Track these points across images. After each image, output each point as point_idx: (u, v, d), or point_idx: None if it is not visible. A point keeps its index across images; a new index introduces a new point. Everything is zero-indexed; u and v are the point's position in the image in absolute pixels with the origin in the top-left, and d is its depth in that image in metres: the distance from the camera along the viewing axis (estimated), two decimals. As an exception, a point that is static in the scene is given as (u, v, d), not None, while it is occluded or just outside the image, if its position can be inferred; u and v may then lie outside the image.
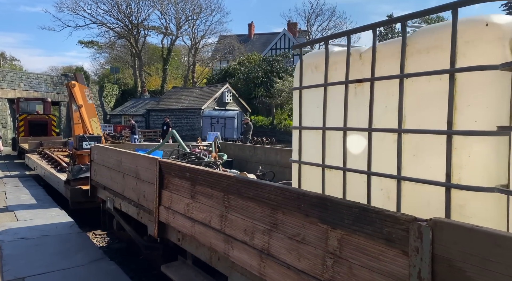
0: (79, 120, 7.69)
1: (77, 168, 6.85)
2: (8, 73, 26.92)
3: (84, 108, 7.62)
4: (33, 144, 13.53)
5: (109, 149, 4.92)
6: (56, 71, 48.19)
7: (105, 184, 5.00)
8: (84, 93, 7.74)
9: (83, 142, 6.99)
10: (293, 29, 46.75)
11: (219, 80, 36.69)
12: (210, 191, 2.70)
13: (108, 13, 37.67)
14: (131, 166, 4.06)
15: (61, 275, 4.03)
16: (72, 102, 7.69)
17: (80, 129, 7.66)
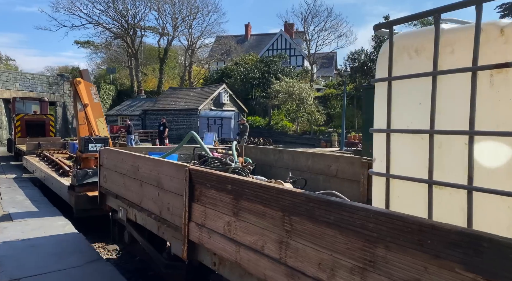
0: (85, 120, 7.10)
1: (83, 173, 6.33)
2: (3, 73, 26.76)
3: (90, 107, 7.00)
4: (31, 146, 12.92)
5: (122, 153, 4.35)
6: (52, 71, 47.99)
7: (117, 192, 4.45)
8: (90, 91, 7.13)
9: (89, 144, 6.42)
10: (290, 30, 46.83)
11: (215, 81, 36.68)
12: (263, 209, 2.19)
13: (105, 13, 37.60)
14: (152, 173, 3.55)
15: (56, 277, 4.01)
16: (77, 100, 7.16)
17: (86, 130, 7.07)
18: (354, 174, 3.81)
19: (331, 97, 32.65)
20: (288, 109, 29.92)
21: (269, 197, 2.14)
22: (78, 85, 7.05)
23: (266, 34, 51.51)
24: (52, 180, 8.07)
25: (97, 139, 6.60)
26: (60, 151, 12.69)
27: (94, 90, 7.29)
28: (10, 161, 15.45)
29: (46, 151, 12.11)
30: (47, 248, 4.89)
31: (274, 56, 38.10)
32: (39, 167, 9.67)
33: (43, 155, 11.52)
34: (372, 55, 28.96)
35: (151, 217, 3.59)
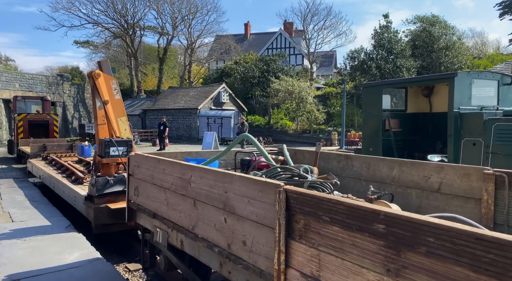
0: (104, 119, 6.06)
1: (103, 181, 5.47)
2: (3, 74, 26.75)
3: (110, 105, 6.02)
4: (36, 148, 12.00)
5: (165, 162, 3.38)
6: (51, 71, 48.00)
7: (155, 210, 3.54)
8: (110, 86, 6.14)
9: (110, 148, 5.49)
10: (289, 28, 46.80)
11: (215, 80, 36.66)
12: None
13: (104, 13, 37.57)
14: (214, 191, 2.64)
15: (56, 277, 4.01)
16: (96, 97, 6.06)
17: (106, 131, 6.04)
18: (469, 189, 2.91)
19: (331, 95, 32.63)
20: (288, 108, 29.90)
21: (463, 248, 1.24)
22: (97, 78, 5.99)
23: (266, 33, 51.49)
24: (64, 188, 7.14)
25: (120, 141, 5.66)
26: (68, 154, 11.82)
27: (115, 85, 6.28)
28: (11, 163, 14.69)
29: (53, 154, 11.31)
30: (48, 248, 4.89)
31: (274, 55, 38.06)
32: (47, 173, 8.72)
33: (49, 159, 10.67)
34: (371, 54, 28.94)
35: (211, 249, 2.68)
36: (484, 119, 5.90)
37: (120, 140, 5.71)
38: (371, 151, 8.01)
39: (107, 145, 5.55)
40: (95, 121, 6.03)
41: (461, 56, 29.36)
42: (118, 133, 6.05)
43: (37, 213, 6.73)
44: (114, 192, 5.46)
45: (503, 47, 44.32)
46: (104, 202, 5.40)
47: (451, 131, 6.30)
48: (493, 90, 7.18)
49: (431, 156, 7.21)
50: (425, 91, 8.33)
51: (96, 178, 5.53)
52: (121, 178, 5.55)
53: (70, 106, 32.56)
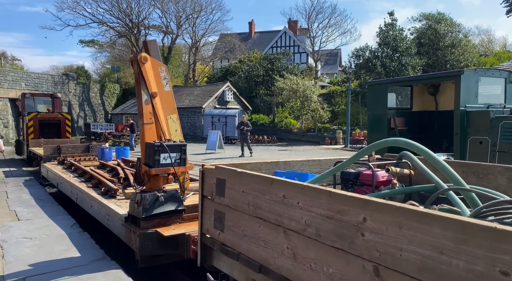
0: (152, 118, 4.67)
1: (152, 198, 4.24)
2: (9, 73, 26.95)
3: (158, 99, 4.70)
4: (50, 149, 10.79)
5: (283, 184, 2.12)
6: (57, 71, 48.22)
7: (262, 260, 2.28)
8: (159, 74, 4.83)
9: (160, 155, 4.24)
10: (294, 27, 46.66)
11: (220, 79, 36.66)
12: None
13: (109, 12, 37.66)
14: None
15: (61, 275, 4.03)
16: (142, 88, 4.66)
17: (153, 132, 4.67)
18: None
19: (336, 94, 32.51)
20: (292, 106, 29.83)
21: None
22: (143, 63, 4.62)
23: (270, 31, 51.35)
24: (93, 202, 5.80)
25: (172, 146, 4.39)
26: (88, 157, 10.53)
27: (165, 73, 4.88)
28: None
29: (70, 157, 10.11)
30: (53, 247, 4.91)
31: (278, 54, 37.99)
32: (68, 181, 7.37)
33: (67, 163, 9.37)
34: (376, 52, 28.77)
35: None
36: (491, 117, 5.83)
37: (173, 145, 4.41)
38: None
39: (157, 150, 4.24)
40: (140, 119, 4.63)
41: (467, 53, 29.12)
42: (168, 135, 4.75)
43: (42, 212, 6.77)
44: (166, 213, 4.27)
45: (510, 45, 43.92)
46: (152, 225, 4.21)
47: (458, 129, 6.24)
48: (500, 87, 7.10)
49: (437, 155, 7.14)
50: (430, 89, 8.26)
51: (143, 194, 4.24)
52: (173, 194, 4.38)
53: (75, 105, 32.74)
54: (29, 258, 4.51)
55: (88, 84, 35.85)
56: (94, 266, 4.29)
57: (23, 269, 4.16)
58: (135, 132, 22.20)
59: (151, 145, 4.30)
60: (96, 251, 4.81)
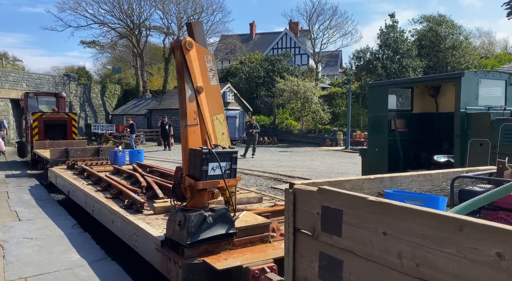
0: (196, 118, 3.76)
1: (199, 219, 3.35)
2: (10, 73, 27.01)
3: (204, 95, 3.82)
4: (57, 153, 10.02)
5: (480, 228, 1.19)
6: (58, 71, 48.32)
7: None
8: (205, 64, 3.92)
9: (208, 165, 3.41)
10: (295, 28, 46.73)
11: (220, 80, 36.55)
12: None
13: (110, 13, 37.77)
14: None
15: (62, 275, 4.04)
16: (186, 80, 3.72)
17: (198, 136, 3.73)
18: None
19: (336, 95, 32.53)
20: (293, 108, 29.86)
21: None
22: (188, 50, 3.67)
23: (271, 33, 51.42)
24: (114, 217, 4.87)
25: (222, 153, 3.53)
26: (100, 161, 9.51)
27: (211, 63, 3.96)
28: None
29: (81, 162, 9.10)
30: (54, 247, 4.92)
31: (279, 55, 38.03)
32: (82, 190, 6.41)
33: (78, 168, 8.37)
34: (377, 54, 28.79)
35: None
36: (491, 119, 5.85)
37: (223, 152, 3.55)
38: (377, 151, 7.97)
39: (205, 159, 3.40)
40: (182, 120, 3.68)
41: (468, 55, 29.14)
42: (214, 139, 3.81)
43: (43, 212, 6.78)
44: (215, 237, 3.41)
45: (511, 47, 43.92)
46: (199, 253, 3.34)
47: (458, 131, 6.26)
48: (501, 90, 7.11)
49: (437, 157, 7.16)
50: (431, 91, 8.27)
51: (185, 213, 3.35)
52: (222, 213, 3.48)
53: (76, 106, 32.79)
54: (30, 258, 4.52)
55: (89, 84, 35.91)
56: (95, 266, 4.30)
57: (24, 269, 4.17)
58: (135, 133, 22.39)
59: (197, 153, 3.41)
60: (97, 252, 4.82)
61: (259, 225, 3.66)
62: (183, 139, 3.67)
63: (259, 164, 14.92)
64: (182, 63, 3.72)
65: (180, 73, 3.74)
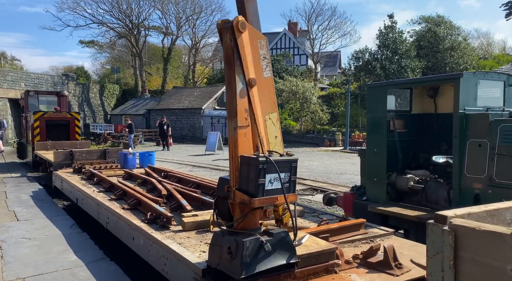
0: (248, 118, 3.07)
1: (254, 246, 2.69)
2: (9, 73, 26.95)
3: (256, 89, 3.15)
4: (61, 155, 9.41)
5: None
6: (56, 71, 48.27)
7: None
8: (258, 51, 3.24)
9: (265, 177, 2.73)
10: (294, 28, 46.76)
11: (219, 80, 36.69)
12: None
13: (109, 13, 37.75)
14: None
15: (61, 276, 4.03)
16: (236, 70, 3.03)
17: (249, 140, 3.03)
18: None
19: (335, 96, 32.56)
20: (292, 108, 29.87)
21: None
22: (241, 32, 2.98)
23: (270, 33, 51.36)
24: (137, 233, 4.15)
25: (282, 162, 2.84)
26: (109, 165, 8.83)
27: (265, 49, 3.25)
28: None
29: (88, 165, 8.43)
30: (52, 247, 4.91)
31: (278, 55, 38.04)
32: (94, 198, 5.71)
33: (86, 172, 7.70)
34: (376, 54, 28.83)
35: None
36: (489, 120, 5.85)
37: (283, 160, 2.85)
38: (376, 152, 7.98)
39: (262, 170, 2.69)
40: (230, 120, 2.99)
41: (467, 56, 29.21)
42: (267, 144, 3.09)
43: (41, 212, 6.77)
44: (274, 269, 2.73)
45: (509, 48, 44.05)
46: None
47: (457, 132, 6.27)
48: (499, 91, 7.12)
49: (436, 157, 7.17)
50: (430, 92, 8.28)
51: (236, 237, 2.69)
52: (282, 238, 2.80)
53: (75, 106, 32.74)
54: (28, 258, 4.51)
55: (87, 84, 35.86)
56: (93, 266, 4.29)
57: (22, 270, 4.16)
58: (133, 133, 22.36)
59: (252, 161, 2.72)
60: (95, 252, 4.81)
61: (324, 251, 2.99)
62: (232, 144, 2.98)
63: (258, 164, 14.87)
64: (232, 49, 3.01)
65: (229, 62, 3.05)
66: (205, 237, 3.70)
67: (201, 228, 3.94)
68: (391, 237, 3.96)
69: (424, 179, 6.20)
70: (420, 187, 6.02)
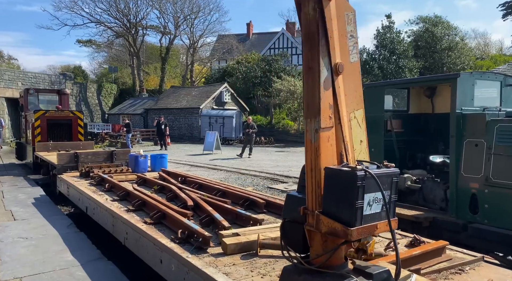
0: (332, 117, 2.28)
1: None
2: (5, 72, 26.86)
3: (342, 78, 2.36)
4: (65, 157, 8.67)
5: None
6: (54, 70, 48.10)
7: None
8: (345, 27, 2.43)
9: (364, 198, 2.05)
10: (292, 28, 46.82)
11: (217, 80, 36.67)
12: None
13: (106, 12, 37.64)
14: None
15: (58, 275, 4.02)
16: (321, 52, 2.24)
17: (332, 147, 2.26)
18: None
19: (333, 96, 32.60)
20: (290, 108, 29.90)
21: None
22: (328, 1, 2.27)
23: (268, 33, 51.42)
24: (165, 255, 3.48)
25: (383, 175, 2.16)
26: (120, 169, 8.15)
27: (352, 25, 2.53)
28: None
29: (97, 169, 7.76)
30: (50, 247, 4.90)
31: (276, 55, 38.04)
32: (108, 208, 5.05)
33: (95, 177, 7.04)
34: (374, 54, 28.89)
35: None
36: (486, 120, 5.88)
37: (383, 174, 2.19)
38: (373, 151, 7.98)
39: (361, 188, 2.06)
40: (310, 119, 2.31)
41: (464, 56, 29.32)
42: (351, 152, 2.39)
43: (38, 212, 6.75)
44: None
45: (506, 48, 44.17)
46: None
47: (453, 132, 6.29)
48: (496, 91, 7.16)
49: (433, 157, 7.20)
50: (427, 92, 8.31)
51: (320, 279, 2.14)
52: (384, 280, 2.25)
53: (72, 105, 32.61)
54: (25, 258, 4.50)
55: (85, 84, 35.77)
56: (90, 266, 4.29)
57: (19, 269, 4.15)
58: (131, 132, 22.31)
59: (347, 176, 2.06)
60: (93, 251, 4.80)
61: None
62: (311, 151, 2.26)
63: (256, 164, 14.92)
64: (317, 22, 2.27)
65: (312, 40, 2.32)
66: (255, 265, 2.99)
67: (246, 251, 3.22)
68: (481, 263, 3.16)
69: (421, 179, 6.23)
70: (417, 187, 6.04)
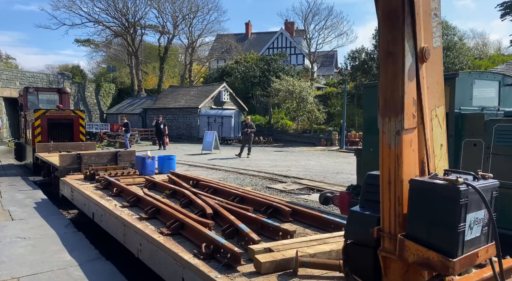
0: (416, 115, 1.95)
1: None
2: (3, 72, 26.78)
3: (425, 67, 2.03)
4: (68, 159, 8.26)
5: None
6: (52, 70, 48.02)
7: None
8: (429, 4, 2.01)
9: (466, 219, 1.69)
10: (290, 28, 46.81)
11: (216, 79, 36.65)
12: None
13: (105, 11, 37.59)
14: None
15: (56, 275, 4.01)
16: (405, 33, 1.87)
17: (414, 152, 1.95)
18: None
19: (332, 95, 32.61)
20: (289, 107, 29.89)
21: None
22: None
23: (267, 32, 51.44)
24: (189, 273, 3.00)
25: (486, 189, 1.87)
26: (126, 171, 7.66)
27: (437, 1, 2.09)
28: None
29: (102, 171, 7.42)
30: (48, 247, 4.88)
31: (275, 55, 38.05)
32: (118, 216, 4.56)
33: (101, 180, 6.67)
34: (372, 54, 28.90)
35: None
36: (485, 120, 5.89)
37: (485, 187, 1.90)
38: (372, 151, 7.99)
39: (462, 208, 1.67)
40: (390, 118, 2.04)
41: (462, 56, 29.36)
42: (432, 157, 2.08)
43: (36, 212, 6.73)
44: None
45: (504, 48, 44.27)
46: None
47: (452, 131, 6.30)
48: (494, 91, 7.17)
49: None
50: (426, 92, 8.32)
51: None
52: None
53: (70, 105, 32.57)
54: (23, 258, 4.48)
55: (83, 83, 35.69)
56: (89, 266, 4.27)
57: (17, 269, 4.13)
58: (129, 132, 22.31)
59: (445, 191, 1.71)
60: (91, 251, 4.79)
61: None
62: (389, 159, 1.91)
63: (255, 164, 14.92)
64: (398, 4, 1.88)
65: (395, 19, 1.90)
66: None
67: (282, 270, 2.73)
68: None
69: (420, 179, 6.20)
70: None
